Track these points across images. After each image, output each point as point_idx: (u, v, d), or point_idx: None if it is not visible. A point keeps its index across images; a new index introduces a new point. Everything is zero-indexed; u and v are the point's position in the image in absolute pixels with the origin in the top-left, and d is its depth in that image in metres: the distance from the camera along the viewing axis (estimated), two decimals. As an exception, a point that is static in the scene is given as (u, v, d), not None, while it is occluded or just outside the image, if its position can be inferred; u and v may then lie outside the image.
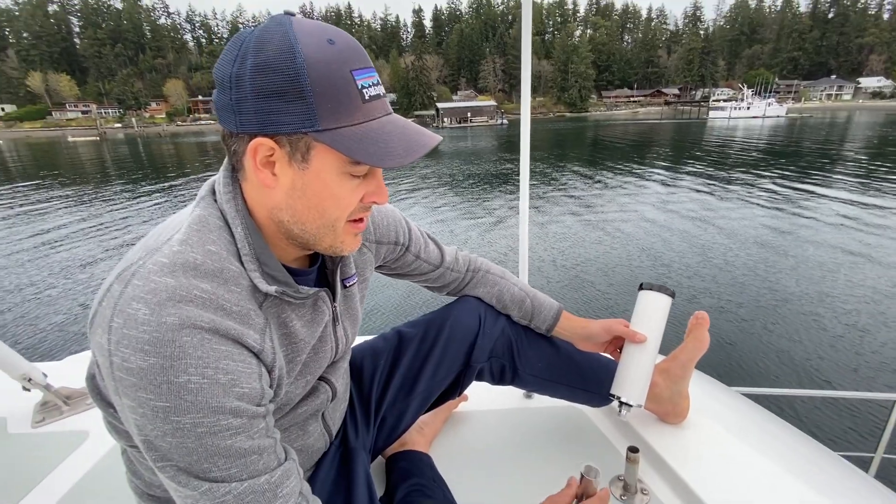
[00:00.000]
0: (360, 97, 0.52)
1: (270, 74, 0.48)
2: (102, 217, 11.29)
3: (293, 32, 0.49)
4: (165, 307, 0.47)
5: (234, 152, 0.55)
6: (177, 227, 0.54)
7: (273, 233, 0.59)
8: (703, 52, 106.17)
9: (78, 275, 7.17)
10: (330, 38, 0.50)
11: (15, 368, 1.23)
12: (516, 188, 13.20)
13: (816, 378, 3.97)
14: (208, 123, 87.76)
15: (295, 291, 0.60)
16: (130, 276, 0.49)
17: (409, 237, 0.88)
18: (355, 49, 0.52)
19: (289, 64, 0.48)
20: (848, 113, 64.01)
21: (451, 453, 1.07)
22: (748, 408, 1.15)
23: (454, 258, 0.99)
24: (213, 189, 0.59)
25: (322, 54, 0.49)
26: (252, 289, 0.56)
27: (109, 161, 28.16)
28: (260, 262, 0.57)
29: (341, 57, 0.50)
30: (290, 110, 0.49)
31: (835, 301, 5.38)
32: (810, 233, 8.09)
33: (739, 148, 23.81)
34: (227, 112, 0.51)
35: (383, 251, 0.85)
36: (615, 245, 7.73)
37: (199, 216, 0.55)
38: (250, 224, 0.57)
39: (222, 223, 0.56)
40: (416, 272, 0.94)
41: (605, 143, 30.46)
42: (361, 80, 0.52)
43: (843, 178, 13.65)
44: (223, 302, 0.51)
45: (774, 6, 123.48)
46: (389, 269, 0.92)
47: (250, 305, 0.55)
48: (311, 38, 0.49)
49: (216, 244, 0.54)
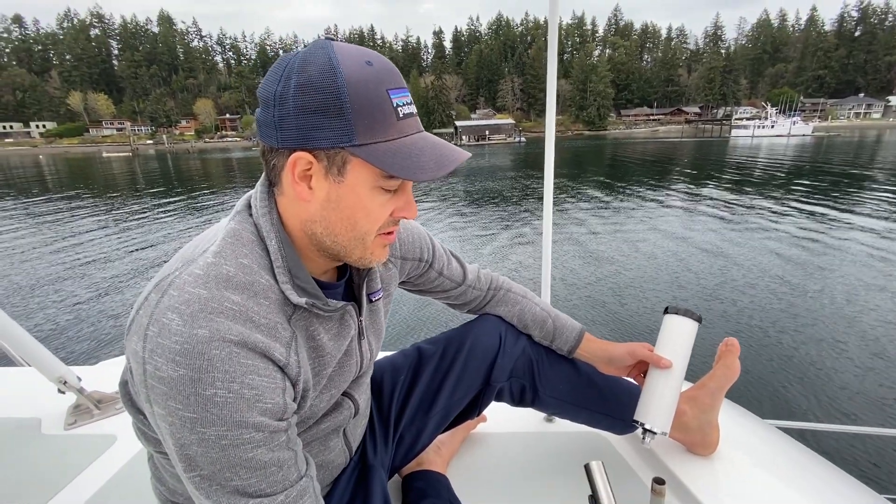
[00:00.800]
0: (395, 115, 0.54)
1: (312, 93, 0.51)
2: (129, 227, 11.71)
3: (334, 55, 0.52)
4: (197, 319, 0.49)
5: (272, 167, 0.58)
6: (212, 240, 0.57)
7: (305, 245, 0.61)
8: (724, 70, 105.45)
9: (114, 283, 7.42)
10: (368, 60, 0.54)
11: (52, 371, 1.27)
12: (535, 206, 13.35)
13: (864, 414, 3.64)
14: (234, 140, 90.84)
15: (324, 304, 0.61)
16: (167, 286, 0.52)
17: (432, 254, 0.90)
18: (391, 70, 0.56)
19: (330, 83, 0.51)
20: (878, 132, 62.21)
21: (468, 475, 1.05)
22: (784, 442, 1.08)
23: (476, 276, 0.99)
24: (249, 203, 0.61)
25: (361, 74, 0.52)
26: (281, 302, 0.58)
27: (140, 175, 29.33)
28: (292, 274, 0.59)
29: (378, 77, 0.53)
30: (329, 126, 0.52)
31: (882, 332, 4.97)
32: (848, 257, 7.68)
33: (764, 167, 23.31)
34: (269, 128, 0.54)
35: (408, 267, 0.86)
36: (637, 265, 7.54)
37: (234, 229, 0.58)
38: (284, 237, 0.59)
39: (255, 237, 0.58)
40: (438, 289, 0.95)
41: (624, 162, 30.24)
42: (396, 99, 0.55)
43: (874, 200, 13.24)
44: (252, 314, 0.53)
45: (798, 25, 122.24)
46: (413, 284, 0.93)
47: (278, 318, 0.57)
48: (351, 59, 0.53)
49: (248, 257, 0.56)
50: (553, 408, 1.02)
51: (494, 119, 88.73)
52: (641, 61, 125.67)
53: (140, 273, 7.90)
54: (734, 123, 67.62)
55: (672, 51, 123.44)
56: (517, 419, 1.21)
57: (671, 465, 0.97)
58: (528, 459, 1.09)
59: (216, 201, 16.28)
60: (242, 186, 20.82)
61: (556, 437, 1.16)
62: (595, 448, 1.10)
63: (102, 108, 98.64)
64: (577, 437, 1.14)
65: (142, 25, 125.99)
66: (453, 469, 1.06)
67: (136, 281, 7.46)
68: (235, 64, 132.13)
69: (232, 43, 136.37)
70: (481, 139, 70.20)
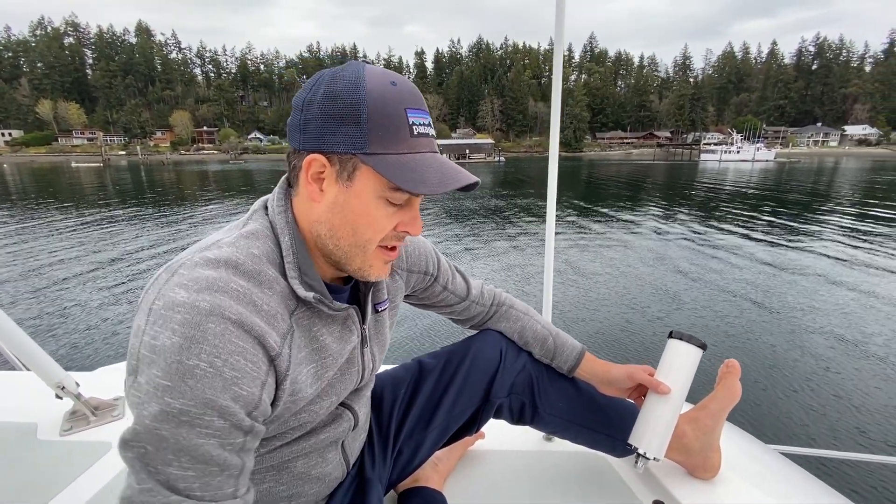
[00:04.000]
0: (409, 132, 0.58)
1: (336, 101, 0.56)
2: (92, 235, 11.30)
3: (363, 73, 0.57)
4: (202, 293, 0.51)
5: (293, 167, 0.61)
6: (227, 234, 0.60)
7: (313, 247, 0.63)
8: (693, 98, 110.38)
9: (125, 287, 7.12)
10: (393, 81, 0.58)
11: (51, 377, 1.26)
12: (516, 223, 13.51)
13: (868, 442, 3.55)
14: (211, 153, 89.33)
15: (329, 302, 0.62)
16: (178, 267, 0.54)
17: (438, 268, 0.91)
18: (413, 93, 0.59)
19: (353, 94, 0.55)
20: (835, 159, 65.89)
21: (465, 492, 1.03)
22: (786, 467, 1.06)
23: (480, 292, 0.99)
24: (266, 205, 0.64)
25: (382, 91, 0.56)
26: (285, 295, 0.59)
27: (110, 185, 28.41)
28: (301, 270, 0.60)
29: (399, 97, 0.57)
30: (345, 133, 0.56)
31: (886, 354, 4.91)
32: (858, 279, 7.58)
33: (733, 190, 24.35)
34: (295, 131, 0.59)
35: (413, 280, 0.87)
36: (634, 285, 7.47)
37: (250, 227, 0.61)
38: (297, 236, 0.61)
39: (270, 233, 0.61)
40: (442, 303, 0.96)
41: (600, 182, 31.07)
42: (413, 118, 0.58)
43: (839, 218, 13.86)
44: (256, 299, 0.55)
45: (760, 57, 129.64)
46: (417, 298, 0.93)
47: (279, 309, 0.57)
48: (377, 77, 0.57)
49: (260, 250, 0.58)
50: (552, 426, 1.01)
51: (475, 138, 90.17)
52: (615, 87, 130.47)
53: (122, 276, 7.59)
54: (703, 148, 70.61)
55: (644, 78, 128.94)
56: (516, 437, 1.19)
57: (671, 489, 0.95)
58: (526, 478, 1.07)
59: (193, 211, 15.89)
60: (217, 199, 20.44)
61: (555, 456, 1.14)
62: (594, 469, 1.08)
63: (73, 118, 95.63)
64: (577, 457, 1.12)
65: (118, 35, 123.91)
66: (450, 486, 1.05)
67: (133, 284, 7.17)
68: (215, 77, 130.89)
69: (212, 56, 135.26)
70: (461, 157, 71.04)
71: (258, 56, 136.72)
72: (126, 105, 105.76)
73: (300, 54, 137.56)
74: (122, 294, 7.13)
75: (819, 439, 3.58)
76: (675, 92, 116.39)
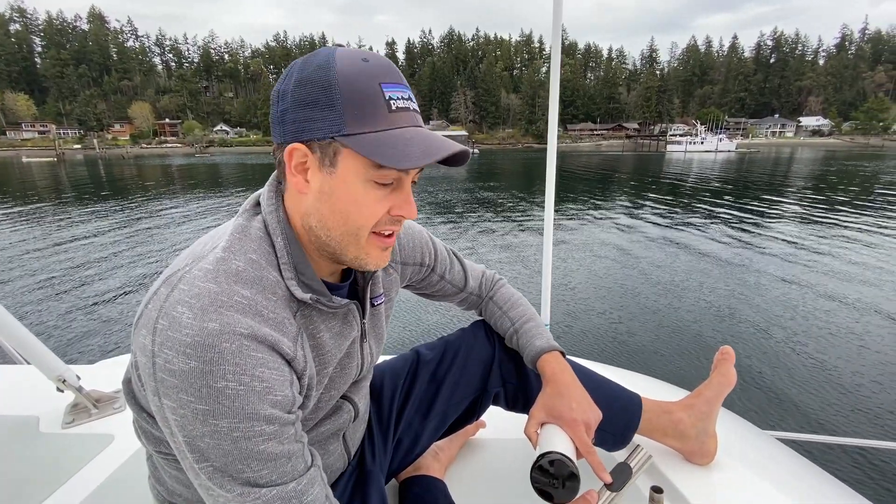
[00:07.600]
0: (387, 107, 0.55)
1: (308, 86, 0.54)
2: (55, 230, 10.78)
3: (334, 55, 0.55)
4: (207, 312, 0.50)
5: (279, 163, 0.59)
6: (221, 236, 0.58)
7: (307, 243, 0.62)
8: (659, 90, 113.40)
9: (128, 287, 6.84)
10: (364, 58, 0.56)
11: (52, 370, 1.26)
12: (490, 214, 13.57)
13: (864, 426, 3.57)
14: (174, 146, 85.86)
15: (328, 300, 0.62)
16: (177, 280, 0.52)
17: (434, 257, 0.89)
18: (387, 66, 0.57)
19: (323, 77, 0.53)
20: (791, 149, 69.00)
21: (466, 481, 1.05)
22: (782, 453, 1.08)
23: (478, 281, 0.99)
24: (258, 201, 0.62)
25: (354, 69, 0.54)
26: (287, 298, 0.59)
27: (66, 181, 26.96)
28: (297, 270, 0.59)
29: (372, 72, 0.55)
30: (321, 117, 0.54)
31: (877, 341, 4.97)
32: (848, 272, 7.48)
33: (699, 179, 25.22)
34: (275, 125, 0.57)
35: (409, 272, 0.87)
36: (630, 275, 7.44)
37: (242, 226, 0.59)
38: (290, 235, 0.60)
39: (263, 233, 0.59)
40: (440, 293, 0.96)
41: (571, 173, 31.53)
42: (390, 93, 0.55)
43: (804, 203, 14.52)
44: (261, 308, 0.54)
45: (722, 51, 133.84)
46: (416, 288, 0.94)
47: (285, 314, 0.57)
48: (348, 57, 0.55)
49: (256, 253, 0.57)
50: None
51: (448, 130, 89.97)
52: (585, 79, 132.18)
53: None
54: (669, 139, 72.57)
55: (613, 70, 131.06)
56: (517, 426, 1.18)
57: (669, 474, 0.96)
58: (526, 466, 1.09)
59: (156, 206, 15.31)
60: (182, 193, 19.73)
61: None
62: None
63: (22, 110, 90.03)
64: None
65: (69, 22, 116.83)
66: (451, 475, 1.06)
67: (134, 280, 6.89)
68: (176, 67, 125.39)
69: (172, 45, 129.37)
70: (435, 150, 70.76)
71: (222, 45, 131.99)
72: (80, 96, 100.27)
73: (266, 43, 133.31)
74: (121, 287, 7.09)
75: (814, 424, 3.60)
76: (642, 84, 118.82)
